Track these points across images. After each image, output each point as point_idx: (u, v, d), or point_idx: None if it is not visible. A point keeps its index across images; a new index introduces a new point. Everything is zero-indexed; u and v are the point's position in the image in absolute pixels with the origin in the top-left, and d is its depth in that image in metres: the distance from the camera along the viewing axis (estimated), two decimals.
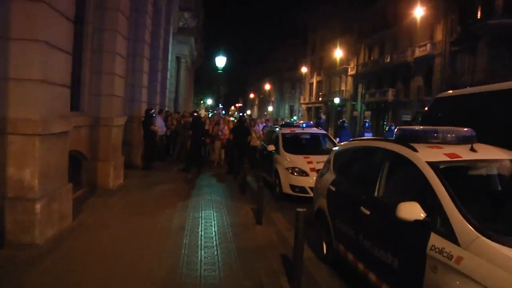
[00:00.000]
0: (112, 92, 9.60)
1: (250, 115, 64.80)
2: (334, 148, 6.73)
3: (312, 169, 9.75)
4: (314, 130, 12.47)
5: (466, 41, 30.16)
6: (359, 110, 50.33)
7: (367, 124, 15.72)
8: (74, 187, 9.00)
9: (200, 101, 70.69)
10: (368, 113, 48.12)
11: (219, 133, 15.92)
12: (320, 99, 63.45)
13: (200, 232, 6.81)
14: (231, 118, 24.01)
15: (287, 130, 11.85)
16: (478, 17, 29.06)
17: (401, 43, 40.40)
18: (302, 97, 73.77)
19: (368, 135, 15.17)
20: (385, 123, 43.48)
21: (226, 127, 16.11)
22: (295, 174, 9.81)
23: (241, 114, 76.19)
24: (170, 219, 7.54)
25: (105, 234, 6.40)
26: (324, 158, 10.46)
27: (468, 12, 30.16)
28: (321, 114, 61.65)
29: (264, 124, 16.79)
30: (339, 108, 55.20)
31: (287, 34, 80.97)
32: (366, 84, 48.54)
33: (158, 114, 15.50)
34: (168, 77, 22.05)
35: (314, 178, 9.51)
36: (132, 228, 6.85)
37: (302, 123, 12.63)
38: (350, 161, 5.65)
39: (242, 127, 14.27)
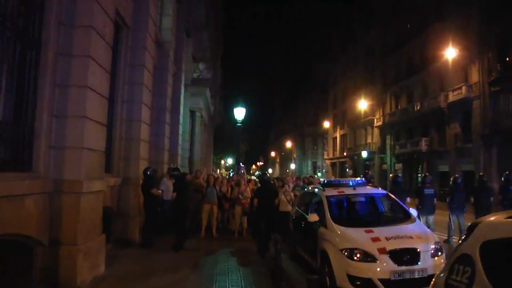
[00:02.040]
0: (81, 143, 6.60)
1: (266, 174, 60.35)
2: (483, 232, 3.04)
3: (381, 250, 6.37)
4: (371, 189, 9.10)
5: (509, 80, 26.97)
6: (388, 163, 46.77)
7: (427, 179, 12.26)
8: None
9: (220, 160, 68.11)
10: (399, 165, 44.63)
11: (240, 196, 12.72)
12: (345, 153, 60.28)
13: None
14: (253, 177, 20.84)
15: (333, 192, 8.41)
16: None
17: (431, 88, 37.52)
18: (325, 153, 70.77)
19: (430, 192, 11.84)
20: (419, 175, 39.88)
21: (248, 189, 12.92)
22: (356, 259, 6.41)
23: (263, 173, 72.10)
24: None
25: None
26: (396, 231, 7.13)
27: (508, 48, 27.24)
28: (348, 170, 58.45)
29: (294, 184, 13.50)
30: (367, 162, 51.65)
31: (307, 89, 79.26)
32: (395, 135, 45.31)
33: (166, 174, 12.55)
34: (181, 132, 19.22)
35: (385, 264, 6.24)
36: None
37: (350, 181, 9.19)
38: None
39: (267, 188, 11.08)
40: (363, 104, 49.21)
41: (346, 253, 6.49)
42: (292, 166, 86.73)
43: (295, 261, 9.27)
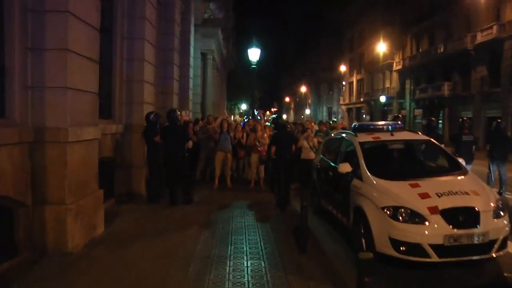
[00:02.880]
0: (64, 82, 5.39)
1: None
2: None
3: (432, 209, 5.20)
4: (411, 135, 7.83)
5: None
6: (407, 108, 45.01)
7: (465, 124, 10.86)
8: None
9: (234, 106, 66.89)
10: (418, 111, 43.06)
11: (257, 143, 11.56)
12: (361, 98, 58.43)
13: None
14: (267, 124, 19.66)
15: (367, 137, 7.09)
16: None
17: (456, 29, 35.20)
18: (341, 98, 68.80)
19: (468, 138, 10.57)
20: (440, 121, 38.30)
21: (265, 135, 11.74)
22: (401, 219, 5.28)
23: (275, 115, 70.34)
24: None
25: None
26: (447, 185, 5.57)
27: None
28: (364, 115, 56.72)
29: (316, 129, 12.28)
30: (385, 107, 49.90)
31: (321, 33, 76.24)
32: (415, 79, 43.37)
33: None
34: (191, 76, 17.90)
35: (437, 226, 5.10)
36: None
37: (387, 125, 7.86)
38: None
39: (284, 133, 9.92)
40: (381, 47, 46.91)
41: (388, 212, 5.34)
42: (307, 111, 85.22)
43: (319, 216, 8.25)
